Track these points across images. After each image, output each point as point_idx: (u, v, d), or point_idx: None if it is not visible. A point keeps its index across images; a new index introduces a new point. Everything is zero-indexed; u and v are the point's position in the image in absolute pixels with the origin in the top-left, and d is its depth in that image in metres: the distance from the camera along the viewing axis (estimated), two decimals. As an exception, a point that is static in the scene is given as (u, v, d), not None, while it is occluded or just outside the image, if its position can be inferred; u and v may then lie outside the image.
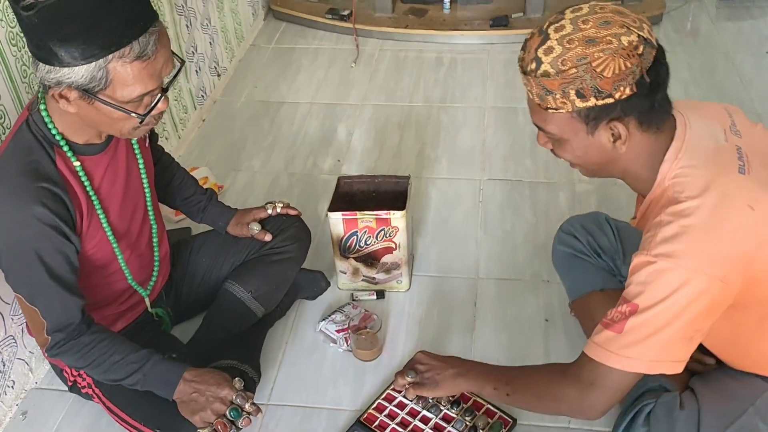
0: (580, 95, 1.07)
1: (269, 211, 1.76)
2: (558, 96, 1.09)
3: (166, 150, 2.35)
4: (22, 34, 1.34)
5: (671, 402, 1.31)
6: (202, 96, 2.67)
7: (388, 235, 1.78)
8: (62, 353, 1.35)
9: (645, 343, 1.10)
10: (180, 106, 2.49)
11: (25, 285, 1.28)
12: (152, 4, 1.18)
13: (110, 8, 1.10)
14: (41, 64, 1.12)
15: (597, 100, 1.07)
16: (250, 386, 1.55)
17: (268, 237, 1.72)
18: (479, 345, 1.74)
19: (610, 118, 1.10)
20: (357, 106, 2.69)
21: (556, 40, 1.07)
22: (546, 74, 1.08)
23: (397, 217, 1.75)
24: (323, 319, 1.79)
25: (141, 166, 1.45)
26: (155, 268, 1.57)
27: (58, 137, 1.25)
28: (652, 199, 1.18)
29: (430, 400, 1.57)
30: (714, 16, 3.14)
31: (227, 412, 1.38)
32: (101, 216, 1.34)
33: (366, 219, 1.75)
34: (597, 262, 1.64)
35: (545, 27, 1.10)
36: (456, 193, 2.23)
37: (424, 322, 1.81)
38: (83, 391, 1.56)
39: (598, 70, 1.05)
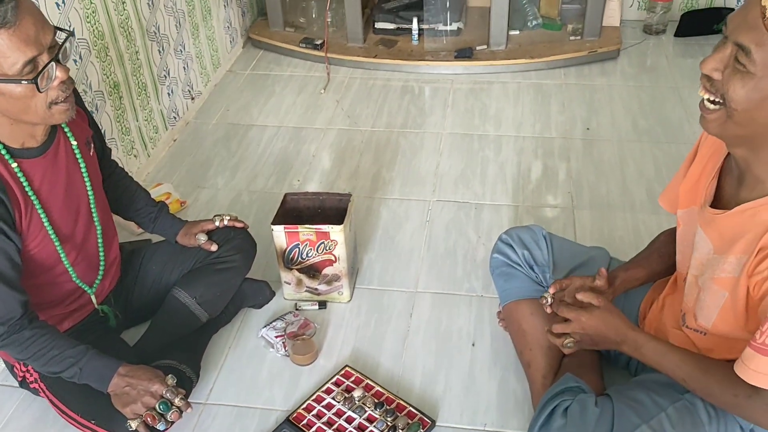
0: None
1: (216, 223, 1.89)
2: None
3: (135, 166, 2.49)
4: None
5: (588, 400, 1.40)
6: (174, 117, 2.81)
7: (327, 248, 1.89)
8: (5, 345, 1.46)
9: None
10: (150, 126, 2.62)
11: (-32, 278, 1.40)
12: None
13: None
14: None
15: None
16: (187, 385, 1.65)
17: (213, 247, 1.84)
18: (409, 352, 1.84)
19: None
20: (322, 130, 2.83)
21: None
22: None
23: (335, 231, 1.86)
24: (265, 326, 1.90)
25: (83, 171, 1.56)
26: (100, 270, 1.68)
27: None
28: None
29: (357, 402, 1.67)
30: (670, 53, 3.28)
31: (157, 406, 1.49)
32: (42, 215, 1.45)
33: (306, 232, 1.87)
34: (528, 273, 1.74)
35: None
36: (405, 213, 2.35)
37: (360, 331, 1.91)
38: (31, 386, 1.67)
39: None
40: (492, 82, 3.11)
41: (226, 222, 1.89)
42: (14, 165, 1.39)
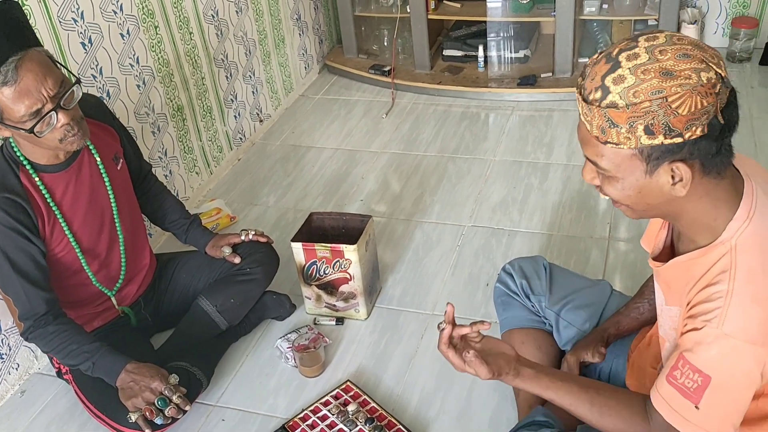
0: (649, 131, 0.98)
1: (242, 237, 2.02)
2: (623, 130, 0.99)
3: (196, 182, 2.69)
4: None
5: None
6: (240, 138, 3.00)
7: (342, 267, 1.97)
8: (33, 338, 1.65)
9: (722, 418, 1.08)
10: (214, 146, 2.82)
11: (-1, 277, 1.60)
12: (16, 39, 1.40)
13: None
14: None
15: (665, 138, 0.98)
16: (195, 387, 1.78)
17: (237, 259, 1.97)
18: (413, 372, 1.88)
19: (673, 159, 1.00)
20: (375, 154, 2.92)
21: (629, 68, 0.97)
22: (613, 105, 0.98)
23: (349, 251, 1.94)
24: (281, 337, 2.00)
25: (107, 185, 1.73)
26: (121, 275, 1.84)
27: (21, 158, 1.56)
28: (707, 253, 1.08)
29: (350, 416, 1.73)
30: (754, 82, 3.11)
31: (156, 401, 1.62)
32: (63, 225, 1.63)
33: (322, 250, 1.96)
34: (525, 302, 1.74)
35: (614, 53, 1.00)
36: (438, 237, 2.38)
37: (370, 348, 1.97)
38: (64, 376, 1.85)
39: (674, 106, 0.95)
40: (553, 110, 3.09)
41: (251, 236, 2.02)
42: (37, 179, 1.58)
